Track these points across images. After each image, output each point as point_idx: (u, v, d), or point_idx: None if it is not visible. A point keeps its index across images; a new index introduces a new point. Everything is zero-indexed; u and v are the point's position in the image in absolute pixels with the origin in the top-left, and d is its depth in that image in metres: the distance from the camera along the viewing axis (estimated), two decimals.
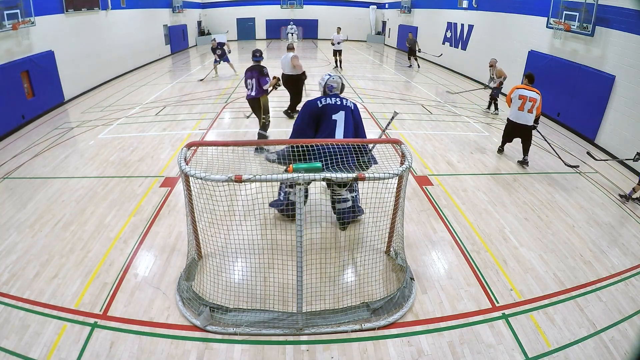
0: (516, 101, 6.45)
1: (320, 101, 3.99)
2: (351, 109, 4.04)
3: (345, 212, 4.34)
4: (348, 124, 3.97)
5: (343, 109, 3.97)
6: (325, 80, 4.21)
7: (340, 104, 3.98)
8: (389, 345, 3.11)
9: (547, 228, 4.86)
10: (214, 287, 3.44)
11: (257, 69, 6.28)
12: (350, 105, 4.07)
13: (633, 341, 3.24)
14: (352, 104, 4.12)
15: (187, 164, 3.20)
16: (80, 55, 11.03)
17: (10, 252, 4.17)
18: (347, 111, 3.99)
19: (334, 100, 3.98)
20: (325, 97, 4.06)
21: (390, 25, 24.03)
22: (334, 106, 3.94)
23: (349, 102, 4.10)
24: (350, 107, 4.05)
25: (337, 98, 4.04)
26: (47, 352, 2.99)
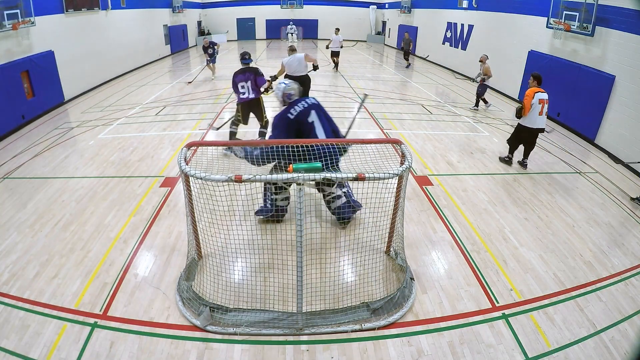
0: (537, 106, 6.03)
1: (290, 113, 4.03)
2: (317, 105, 4.17)
3: (342, 208, 4.34)
4: (322, 120, 4.10)
5: (312, 108, 4.08)
6: (282, 90, 4.18)
7: (307, 105, 4.07)
8: (389, 345, 3.11)
9: (547, 228, 4.86)
10: (214, 287, 3.44)
11: (252, 70, 6.24)
12: (315, 101, 4.20)
13: (633, 341, 3.24)
14: (314, 100, 4.24)
15: (187, 164, 3.20)
16: (80, 55, 11.03)
17: (10, 252, 4.17)
18: (315, 109, 4.10)
19: (301, 106, 4.04)
20: (291, 106, 4.08)
21: (390, 25, 24.03)
22: (304, 110, 4.03)
23: (311, 99, 4.21)
24: (316, 104, 4.18)
25: (300, 102, 4.11)
26: (47, 352, 2.99)
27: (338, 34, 14.19)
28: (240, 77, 6.20)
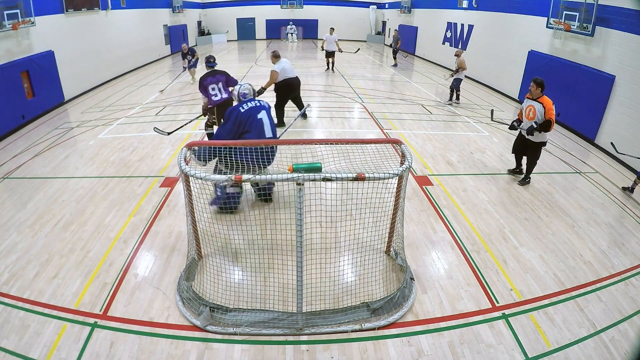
0: None
1: (242, 107, 4.43)
2: (267, 107, 4.63)
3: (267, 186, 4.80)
4: (270, 121, 4.59)
5: (262, 108, 4.53)
6: (238, 89, 4.65)
7: (259, 105, 4.53)
8: (389, 345, 3.11)
9: (547, 228, 4.86)
10: (214, 287, 3.44)
11: (222, 73, 6.41)
12: (265, 104, 4.64)
13: (633, 341, 3.24)
14: (267, 103, 4.68)
15: (187, 164, 3.20)
16: (80, 55, 11.03)
17: (10, 252, 4.17)
18: (266, 110, 4.56)
19: (253, 103, 4.50)
20: (244, 103, 4.49)
21: (390, 25, 24.02)
22: (255, 108, 4.47)
23: (264, 102, 4.65)
24: (266, 107, 4.62)
25: (253, 101, 4.55)
26: (47, 352, 2.99)
27: (333, 33, 14.02)
28: (210, 79, 6.26)
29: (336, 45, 13.82)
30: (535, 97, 5.54)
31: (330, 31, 14.19)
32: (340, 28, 26.78)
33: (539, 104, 5.46)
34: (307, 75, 13.82)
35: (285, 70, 7.88)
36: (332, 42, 13.80)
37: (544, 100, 5.45)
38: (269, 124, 4.53)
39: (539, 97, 5.51)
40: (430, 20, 18.20)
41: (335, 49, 13.90)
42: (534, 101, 5.56)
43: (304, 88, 11.71)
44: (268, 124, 4.52)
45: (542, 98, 5.48)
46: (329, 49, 13.92)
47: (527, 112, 5.68)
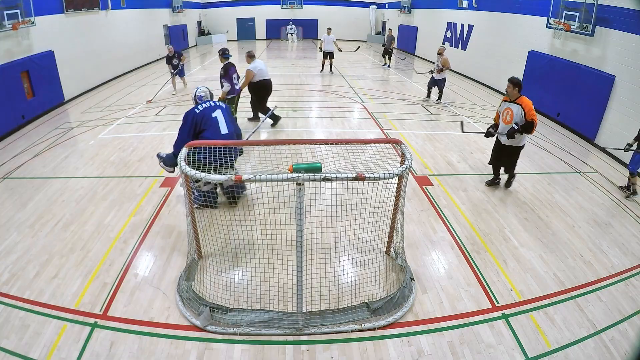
0: None
1: (197, 108, 4.60)
2: (224, 108, 4.72)
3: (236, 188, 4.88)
4: (227, 119, 4.67)
5: (218, 108, 4.66)
6: (195, 92, 4.88)
7: (214, 105, 4.67)
8: (389, 345, 3.11)
9: (547, 228, 4.86)
10: (214, 287, 3.44)
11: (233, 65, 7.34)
12: (223, 105, 4.75)
13: (633, 341, 3.24)
14: (222, 104, 4.76)
15: (187, 164, 3.20)
16: (80, 55, 11.03)
17: (10, 252, 4.17)
18: (221, 109, 4.68)
19: (208, 104, 4.66)
20: (199, 104, 4.66)
21: (390, 25, 24.00)
22: (210, 108, 4.62)
23: (221, 103, 4.79)
24: (223, 107, 4.72)
25: (208, 102, 4.72)
26: (47, 352, 2.99)
27: (330, 33, 13.88)
28: (233, 69, 7.31)
29: (334, 45, 13.72)
30: (513, 99, 5.24)
31: (328, 31, 14.06)
32: (340, 28, 26.80)
33: (517, 105, 5.17)
34: (307, 75, 13.83)
35: (262, 71, 7.69)
36: (330, 42, 13.68)
37: (523, 101, 5.16)
38: (224, 122, 4.62)
39: (517, 98, 5.22)
40: (430, 20, 18.20)
41: (333, 49, 13.79)
42: (511, 103, 5.25)
43: (304, 88, 11.76)
44: (223, 122, 4.62)
45: (521, 99, 5.19)
46: (327, 49, 13.83)
47: (504, 115, 5.35)
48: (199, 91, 4.88)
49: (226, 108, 4.80)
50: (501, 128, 5.43)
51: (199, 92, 4.87)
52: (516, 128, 5.15)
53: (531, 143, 7.88)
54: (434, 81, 10.19)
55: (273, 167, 4.72)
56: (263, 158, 5.16)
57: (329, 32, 13.96)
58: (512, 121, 5.21)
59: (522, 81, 5.43)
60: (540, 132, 8.64)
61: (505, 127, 5.33)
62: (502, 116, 5.39)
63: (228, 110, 4.81)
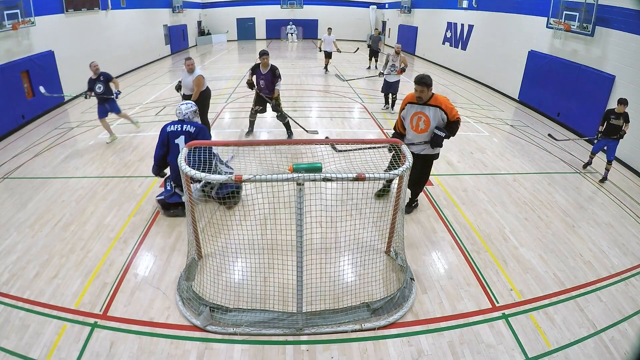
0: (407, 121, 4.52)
1: (168, 126, 4.58)
2: (190, 133, 4.51)
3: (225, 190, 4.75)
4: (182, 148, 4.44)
5: (182, 133, 4.52)
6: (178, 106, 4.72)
7: (180, 130, 4.54)
8: (389, 345, 3.11)
9: (547, 228, 4.86)
10: (214, 287, 3.44)
11: (271, 71, 6.73)
12: (190, 129, 4.53)
13: (633, 341, 3.24)
14: (195, 127, 4.55)
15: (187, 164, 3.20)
16: (80, 55, 11.00)
17: (10, 252, 4.17)
18: (185, 135, 4.51)
19: (175, 127, 4.56)
20: (172, 124, 4.61)
21: (390, 25, 24.03)
22: (175, 132, 4.53)
23: (191, 127, 4.56)
24: (190, 132, 4.51)
25: (179, 125, 4.58)
26: (47, 352, 2.99)
27: (331, 34, 13.85)
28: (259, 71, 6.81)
29: (334, 45, 13.69)
30: (427, 101, 4.27)
31: (328, 31, 14.04)
32: (340, 28, 26.79)
33: (434, 108, 4.25)
34: (307, 75, 13.83)
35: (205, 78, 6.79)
36: (330, 42, 13.65)
37: (440, 101, 4.27)
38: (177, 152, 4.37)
39: (430, 99, 4.28)
40: (430, 20, 18.20)
41: (333, 50, 13.73)
42: (423, 106, 4.30)
43: (304, 88, 11.75)
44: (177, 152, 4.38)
45: (435, 99, 4.29)
46: (327, 49, 13.80)
47: (414, 123, 4.39)
48: (177, 108, 4.68)
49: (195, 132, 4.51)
50: (412, 137, 4.47)
51: (177, 108, 4.69)
52: (444, 135, 4.25)
53: (531, 143, 7.88)
54: (388, 85, 9.06)
55: (273, 167, 4.73)
56: (263, 158, 5.16)
57: (330, 32, 13.95)
58: (427, 128, 4.33)
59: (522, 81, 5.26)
60: (540, 132, 8.65)
61: (418, 136, 4.41)
62: (412, 124, 4.43)
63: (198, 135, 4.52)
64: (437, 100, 4.28)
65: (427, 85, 4.21)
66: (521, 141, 7.95)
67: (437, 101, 4.28)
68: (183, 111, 4.63)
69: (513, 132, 8.57)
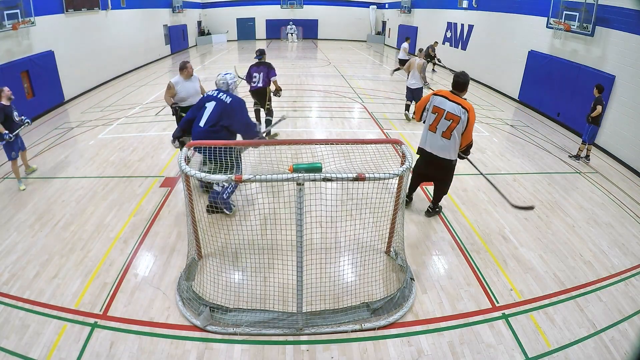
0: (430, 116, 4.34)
1: (207, 93, 4.69)
2: (225, 102, 4.49)
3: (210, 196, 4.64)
4: (214, 111, 4.47)
5: (215, 100, 4.53)
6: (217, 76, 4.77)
7: (215, 96, 4.56)
8: (389, 345, 3.11)
9: (547, 228, 4.86)
10: (214, 287, 3.44)
11: (265, 64, 7.05)
12: (226, 99, 4.51)
13: (633, 341, 3.24)
14: (232, 99, 4.52)
15: (187, 164, 3.20)
16: (80, 55, 11.03)
17: (10, 252, 4.17)
18: (217, 101, 4.51)
19: (212, 93, 4.63)
20: (211, 90, 4.69)
21: (390, 25, 24.04)
22: (210, 97, 4.59)
23: (227, 97, 4.53)
24: (225, 101, 4.50)
25: (217, 92, 4.62)
26: (47, 352, 2.98)
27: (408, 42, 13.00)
28: (255, 68, 7.07)
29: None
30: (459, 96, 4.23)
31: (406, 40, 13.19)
32: (340, 28, 26.87)
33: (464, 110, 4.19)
34: (307, 75, 13.83)
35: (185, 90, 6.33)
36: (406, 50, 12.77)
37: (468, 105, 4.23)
38: (207, 115, 4.42)
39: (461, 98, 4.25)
40: (430, 20, 18.20)
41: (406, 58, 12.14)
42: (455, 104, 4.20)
43: (304, 88, 11.75)
44: (206, 115, 4.42)
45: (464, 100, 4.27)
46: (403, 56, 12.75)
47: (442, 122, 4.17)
48: (217, 78, 4.70)
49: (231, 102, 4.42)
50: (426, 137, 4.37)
51: (216, 79, 4.70)
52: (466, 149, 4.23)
53: (531, 143, 7.89)
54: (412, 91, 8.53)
55: (273, 167, 4.73)
56: (263, 158, 5.17)
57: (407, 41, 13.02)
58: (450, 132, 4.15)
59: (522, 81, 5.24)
60: (540, 132, 8.66)
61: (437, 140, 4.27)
62: (437, 120, 4.25)
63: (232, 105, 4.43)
64: (467, 105, 4.25)
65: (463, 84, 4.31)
66: (521, 141, 7.95)
67: (466, 105, 4.25)
68: (228, 80, 4.61)
69: (513, 132, 8.57)
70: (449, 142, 4.24)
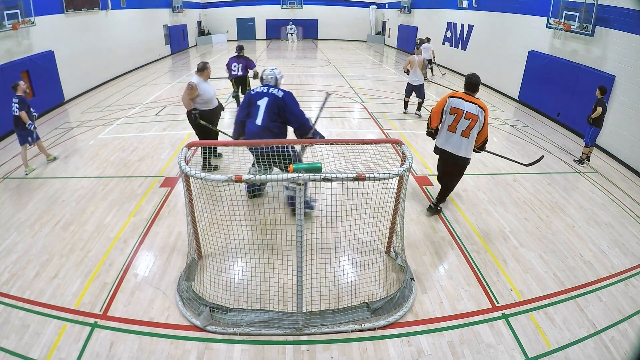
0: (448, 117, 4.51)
1: (254, 90, 4.61)
2: (277, 97, 4.45)
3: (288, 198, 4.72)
4: (269, 107, 4.43)
5: (267, 95, 4.47)
6: (260, 73, 4.84)
7: (266, 92, 4.50)
8: (389, 345, 3.11)
9: (547, 228, 4.86)
10: (214, 287, 3.44)
11: (244, 57, 8.44)
12: (278, 93, 4.47)
13: (633, 341, 3.24)
14: (283, 92, 4.49)
15: (187, 164, 3.20)
16: (80, 55, 11.03)
17: (10, 252, 4.17)
18: (270, 97, 4.46)
19: (261, 89, 4.55)
20: (259, 87, 4.62)
21: (390, 25, 24.04)
22: (260, 93, 4.51)
23: (278, 91, 4.50)
24: (277, 95, 4.45)
25: (266, 87, 4.57)
26: (47, 352, 2.99)
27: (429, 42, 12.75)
28: (234, 60, 8.38)
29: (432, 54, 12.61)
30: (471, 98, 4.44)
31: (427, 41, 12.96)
32: (340, 28, 26.87)
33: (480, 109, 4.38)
34: (307, 75, 13.83)
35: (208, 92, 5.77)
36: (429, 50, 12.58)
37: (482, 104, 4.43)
38: (262, 113, 4.38)
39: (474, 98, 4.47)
40: (430, 20, 18.20)
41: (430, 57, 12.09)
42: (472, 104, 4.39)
43: (304, 88, 11.75)
44: (262, 113, 4.38)
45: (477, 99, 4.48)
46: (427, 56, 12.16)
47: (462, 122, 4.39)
48: (263, 73, 4.69)
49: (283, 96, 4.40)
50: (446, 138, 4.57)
51: (263, 73, 4.69)
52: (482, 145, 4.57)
53: (531, 143, 7.89)
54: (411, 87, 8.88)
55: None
56: None
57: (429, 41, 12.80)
58: (469, 131, 4.37)
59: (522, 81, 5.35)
60: (540, 132, 8.66)
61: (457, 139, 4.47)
62: (456, 120, 4.42)
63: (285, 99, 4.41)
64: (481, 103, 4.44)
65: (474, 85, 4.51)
66: (521, 141, 7.95)
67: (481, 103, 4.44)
68: (276, 75, 4.65)
69: (513, 132, 8.57)
70: (467, 140, 4.46)
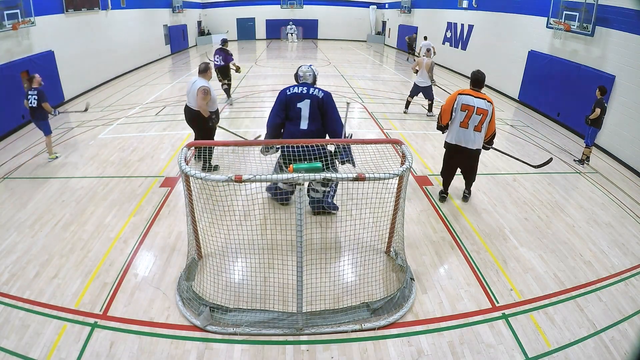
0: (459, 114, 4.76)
1: (289, 89, 4.28)
2: (318, 98, 4.21)
3: (314, 201, 4.62)
4: (312, 110, 4.21)
5: (308, 97, 4.19)
6: (297, 70, 4.54)
7: (305, 93, 4.20)
8: (389, 345, 3.11)
9: (547, 228, 4.86)
10: (214, 287, 3.44)
11: (224, 51, 9.57)
12: (318, 94, 4.22)
13: (633, 341, 3.24)
14: (323, 93, 4.26)
15: (187, 164, 3.20)
16: (80, 55, 11.03)
17: (10, 252, 4.17)
18: (312, 99, 4.20)
19: (299, 90, 4.23)
20: (294, 86, 4.32)
21: (390, 25, 24.04)
22: (299, 95, 4.20)
23: (319, 91, 4.25)
24: (318, 96, 4.21)
25: (304, 87, 4.27)
26: (47, 352, 2.98)
27: None
28: (217, 51, 9.60)
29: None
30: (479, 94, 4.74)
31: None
32: (340, 28, 26.87)
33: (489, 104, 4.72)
34: None
35: None
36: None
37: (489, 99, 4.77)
38: (307, 117, 4.15)
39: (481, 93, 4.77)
40: (430, 20, 18.20)
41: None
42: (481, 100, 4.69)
43: None
44: (306, 117, 4.15)
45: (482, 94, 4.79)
46: None
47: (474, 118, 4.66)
48: (299, 69, 4.43)
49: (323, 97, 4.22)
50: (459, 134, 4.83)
51: (299, 70, 4.43)
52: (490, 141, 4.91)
53: (531, 143, 7.89)
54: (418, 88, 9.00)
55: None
56: (263, 158, 5.16)
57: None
58: (481, 125, 4.65)
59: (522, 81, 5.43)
60: (540, 132, 8.66)
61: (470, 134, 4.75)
62: (468, 117, 4.69)
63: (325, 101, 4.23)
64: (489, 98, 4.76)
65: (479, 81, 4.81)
66: (521, 141, 7.95)
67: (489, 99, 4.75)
68: (314, 72, 4.44)
69: (513, 132, 8.57)
70: (479, 134, 4.76)
